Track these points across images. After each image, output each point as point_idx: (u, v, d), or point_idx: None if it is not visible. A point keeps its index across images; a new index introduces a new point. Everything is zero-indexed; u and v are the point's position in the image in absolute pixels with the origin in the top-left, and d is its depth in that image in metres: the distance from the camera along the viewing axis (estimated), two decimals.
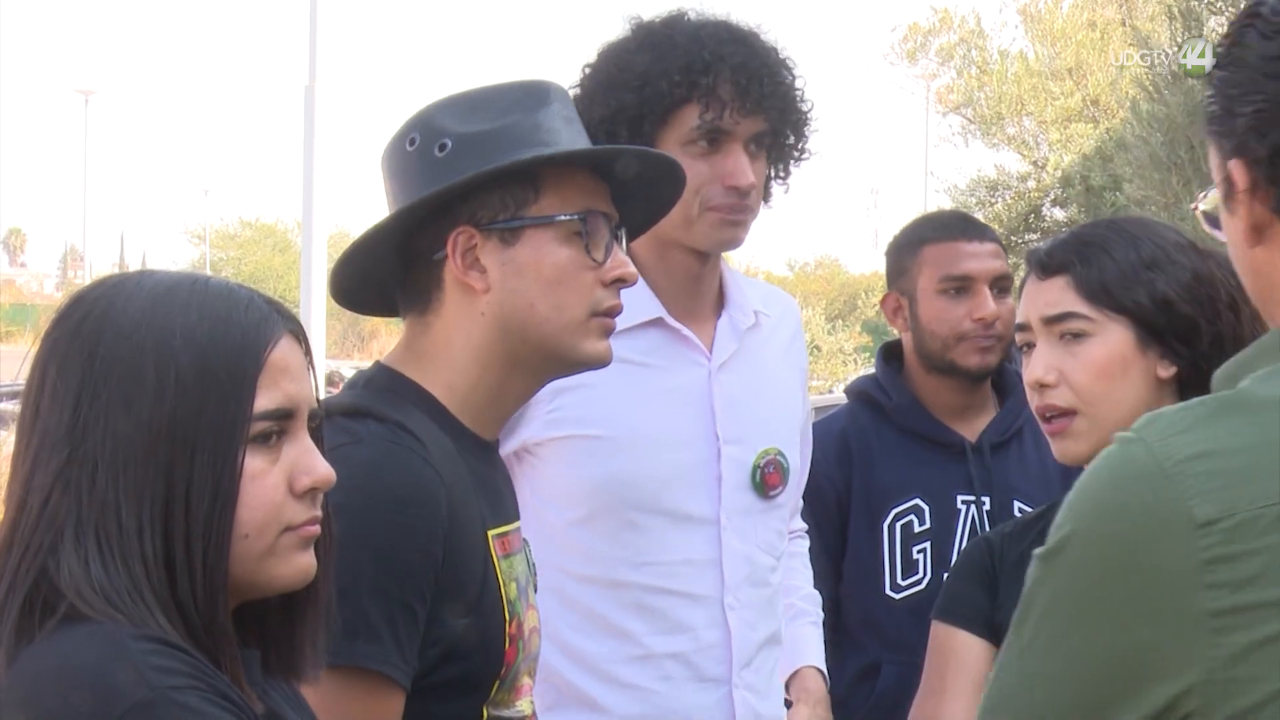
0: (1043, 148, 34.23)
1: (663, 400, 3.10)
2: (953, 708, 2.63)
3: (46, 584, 1.71)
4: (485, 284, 2.40)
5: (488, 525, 2.37)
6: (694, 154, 3.01)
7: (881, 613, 3.70)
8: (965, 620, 2.67)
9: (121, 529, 1.73)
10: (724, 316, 3.21)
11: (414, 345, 2.45)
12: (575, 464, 3.03)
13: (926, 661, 2.70)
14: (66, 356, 1.77)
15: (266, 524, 1.80)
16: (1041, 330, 2.62)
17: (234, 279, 1.93)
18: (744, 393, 3.18)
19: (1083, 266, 2.60)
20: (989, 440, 3.77)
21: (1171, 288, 2.57)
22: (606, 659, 3.05)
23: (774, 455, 3.19)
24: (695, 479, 3.10)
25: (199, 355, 1.76)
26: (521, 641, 2.39)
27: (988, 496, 3.72)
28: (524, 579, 2.44)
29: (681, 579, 3.08)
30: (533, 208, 2.40)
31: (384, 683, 2.23)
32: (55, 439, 1.75)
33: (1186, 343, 2.58)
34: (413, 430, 2.31)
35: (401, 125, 2.46)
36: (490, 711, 2.36)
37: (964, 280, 3.71)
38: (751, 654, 3.15)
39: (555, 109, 2.45)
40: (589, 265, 2.43)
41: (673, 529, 3.07)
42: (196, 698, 1.66)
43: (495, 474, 2.49)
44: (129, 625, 1.69)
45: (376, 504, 2.22)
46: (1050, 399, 2.59)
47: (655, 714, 3.06)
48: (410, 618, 2.24)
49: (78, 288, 1.88)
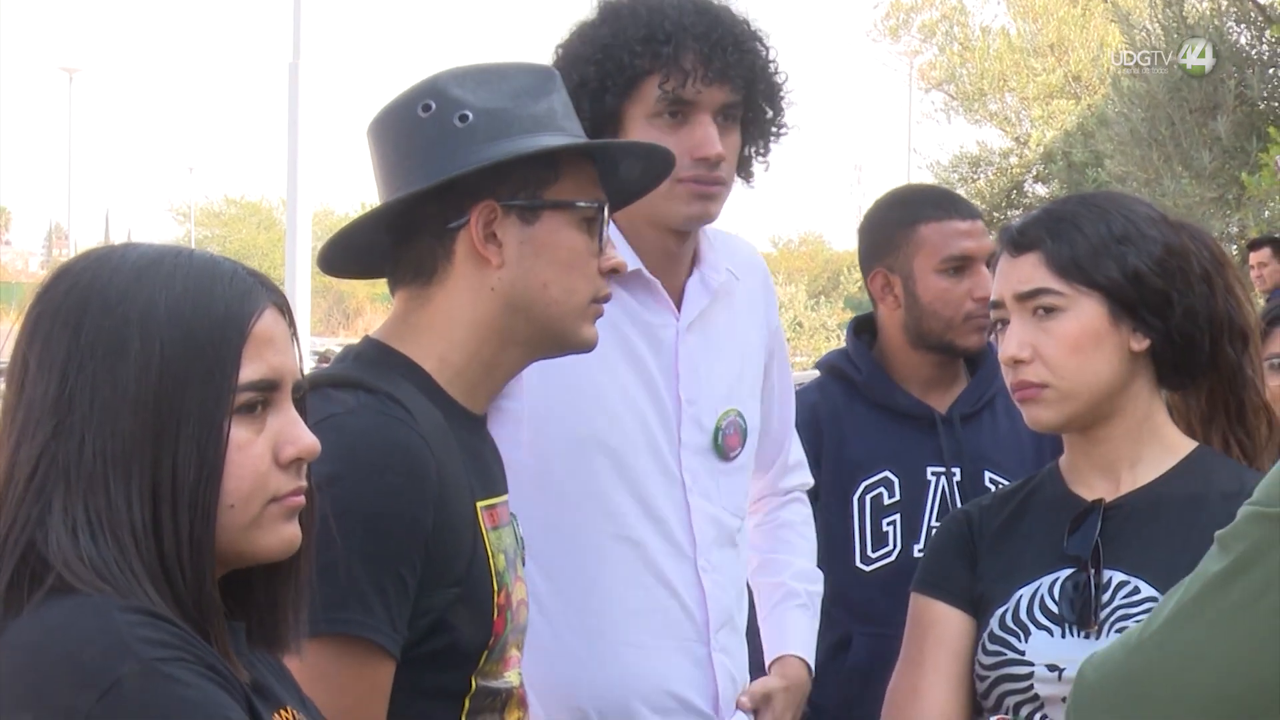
0: (1025, 124, 34.22)
1: (629, 363, 3.07)
2: (932, 679, 2.63)
3: (34, 556, 1.71)
4: (501, 259, 2.41)
5: (476, 497, 2.38)
6: (660, 127, 2.98)
7: (853, 585, 3.70)
8: (944, 592, 2.67)
9: (109, 500, 1.73)
10: (695, 274, 3.17)
11: (408, 318, 2.46)
12: (548, 421, 2.99)
13: (906, 633, 2.71)
14: (51, 329, 1.76)
15: (252, 494, 1.80)
16: (1015, 307, 2.63)
17: (232, 259, 1.93)
18: (708, 354, 3.16)
19: (1054, 242, 2.61)
20: (959, 411, 3.78)
21: (1142, 261, 2.58)
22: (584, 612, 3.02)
23: (734, 416, 3.17)
24: (659, 440, 3.08)
25: (183, 327, 1.76)
26: (510, 612, 2.40)
27: (958, 467, 3.73)
28: (512, 551, 2.45)
29: (651, 537, 3.06)
30: (551, 190, 2.43)
31: (374, 651, 2.24)
32: (41, 411, 1.74)
33: (1159, 315, 2.59)
34: (402, 401, 2.32)
35: (407, 91, 2.46)
36: (479, 681, 2.37)
37: (964, 260, 3.71)
38: (725, 617, 3.14)
39: (560, 95, 2.48)
40: (596, 252, 2.46)
41: (644, 489, 3.05)
42: (183, 669, 1.66)
43: (484, 447, 2.50)
44: (117, 597, 1.69)
45: (366, 473, 2.23)
46: (1024, 375, 2.60)
47: (634, 677, 3.03)
48: (400, 586, 2.25)
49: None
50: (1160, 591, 2.52)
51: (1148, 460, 2.64)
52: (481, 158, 2.37)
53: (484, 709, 2.39)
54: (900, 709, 2.66)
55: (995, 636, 2.60)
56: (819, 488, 3.72)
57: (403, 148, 2.43)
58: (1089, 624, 2.54)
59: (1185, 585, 1.69)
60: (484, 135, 2.39)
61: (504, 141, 2.39)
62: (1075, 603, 2.55)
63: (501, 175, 2.39)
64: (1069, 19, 34.16)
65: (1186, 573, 2.52)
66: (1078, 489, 2.67)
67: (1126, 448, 2.64)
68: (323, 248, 2.49)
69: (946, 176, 34.05)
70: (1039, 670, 2.56)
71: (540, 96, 2.44)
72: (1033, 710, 2.58)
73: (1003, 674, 2.59)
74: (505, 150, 2.38)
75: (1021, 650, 2.58)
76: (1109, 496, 2.63)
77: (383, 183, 2.46)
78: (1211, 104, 21.21)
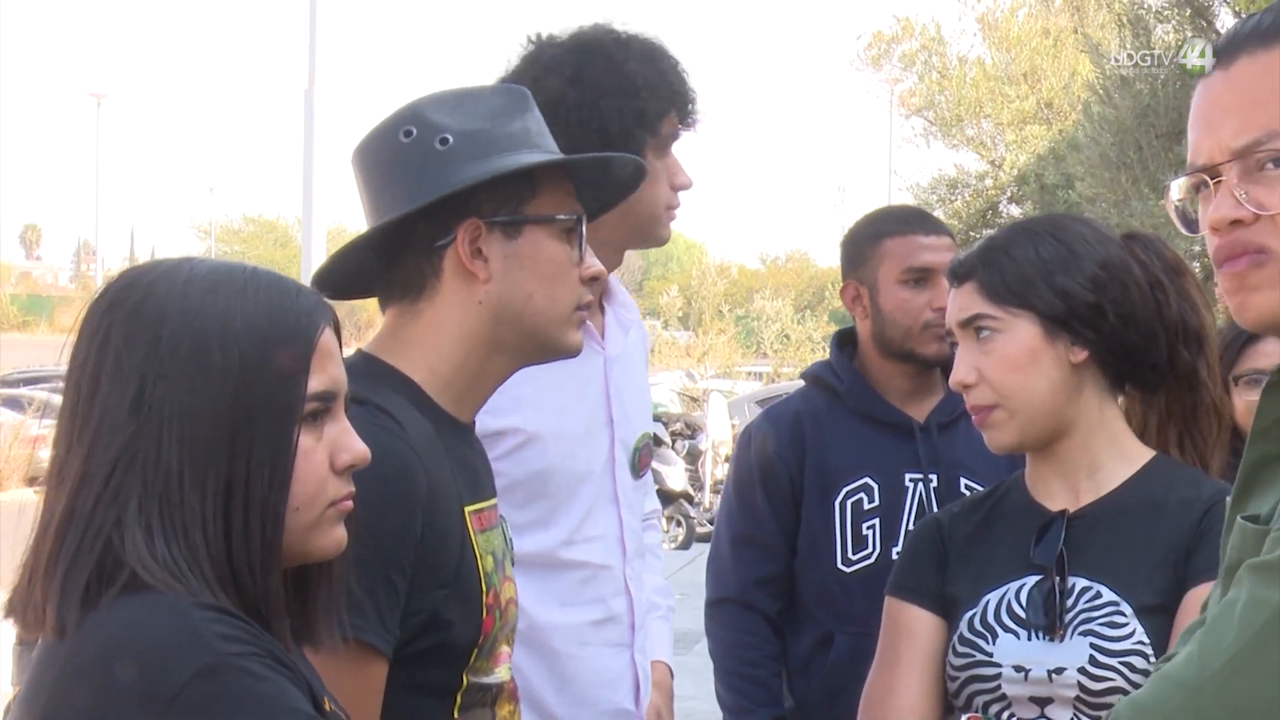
0: (999, 148, 34.32)
1: (573, 391, 3.13)
2: (906, 679, 2.64)
3: (110, 555, 1.71)
4: (487, 273, 2.41)
5: (464, 501, 2.37)
6: (660, 158, 3.11)
7: (834, 585, 3.71)
8: (917, 595, 2.67)
9: (184, 502, 1.73)
10: (609, 310, 3.26)
11: (399, 333, 2.45)
12: (512, 454, 3.03)
13: (881, 635, 2.71)
14: (127, 338, 1.75)
15: (314, 498, 1.82)
16: (960, 334, 2.67)
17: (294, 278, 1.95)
18: (627, 381, 3.25)
19: (985, 270, 2.64)
20: (936, 420, 3.78)
21: (1071, 278, 2.60)
22: (536, 628, 3.08)
23: (648, 440, 3.30)
24: (600, 464, 3.16)
25: (260, 340, 1.77)
26: (499, 611, 2.39)
27: (935, 474, 3.73)
28: (500, 553, 2.44)
29: (599, 554, 3.15)
30: (530, 205, 2.43)
31: (367, 651, 2.23)
32: (118, 417, 1.73)
33: (1092, 327, 2.60)
34: (391, 413, 2.31)
35: (388, 118, 2.45)
36: (470, 678, 2.36)
37: (924, 272, 3.72)
38: (641, 618, 3.23)
39: (534, 115, 2.48)
40: (576, 261, 2.46)
41: (593, 506, 3.14)
42: (257, 663, 1.67)
43: (472, 453, 2.50)
44: (188, 595, 1.69)
45: (358, 483, 2.21)
46: (974, 399, 2.64)
47: (574, 676, 3.11)
48: (391, 589, 2.25)
49: (109, 275, 1.87)
50: (1121, 596, 2.53)
51: (1107, 469, 2.65)
52: (464, 178, 2.37)
53: (475, 704, 2.38)
54: (876, 707, 2.66)
55: (964, 639, 2.60)
56: (801, 492, 3.75)
57: (388, 172, 2.43)
58: (1054, 629, 2.53)
59: (1238, 618, 1.54)
60: (464, 156, 2.39)
61: (484, 161, 2.39)
62: (1041, 608, 2.55)
63: (484, 194, 2.39)
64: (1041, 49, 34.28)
65: (1146, 576, 2.53)
66: (1041, 499, 2.67)
67: (1084, 457, 2.65)
68: (317, 272, 2.49)
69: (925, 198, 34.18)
70: (1006, 671, 2.56)
71: (515, 116, 2.44)
72: (1001, 709, 2.58)
73: (972, 674, 2.59)
74: (486, 170, 2.38)
75: (990, 652, 2.58)
76: (1071, 505, 2.64)
77: (370, 207, 2.46)
78: (1177, 129, 21.26)
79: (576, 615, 3.11)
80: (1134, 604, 2.52)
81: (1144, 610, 2.51)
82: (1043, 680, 2.54)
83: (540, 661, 3.08)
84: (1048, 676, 2.54)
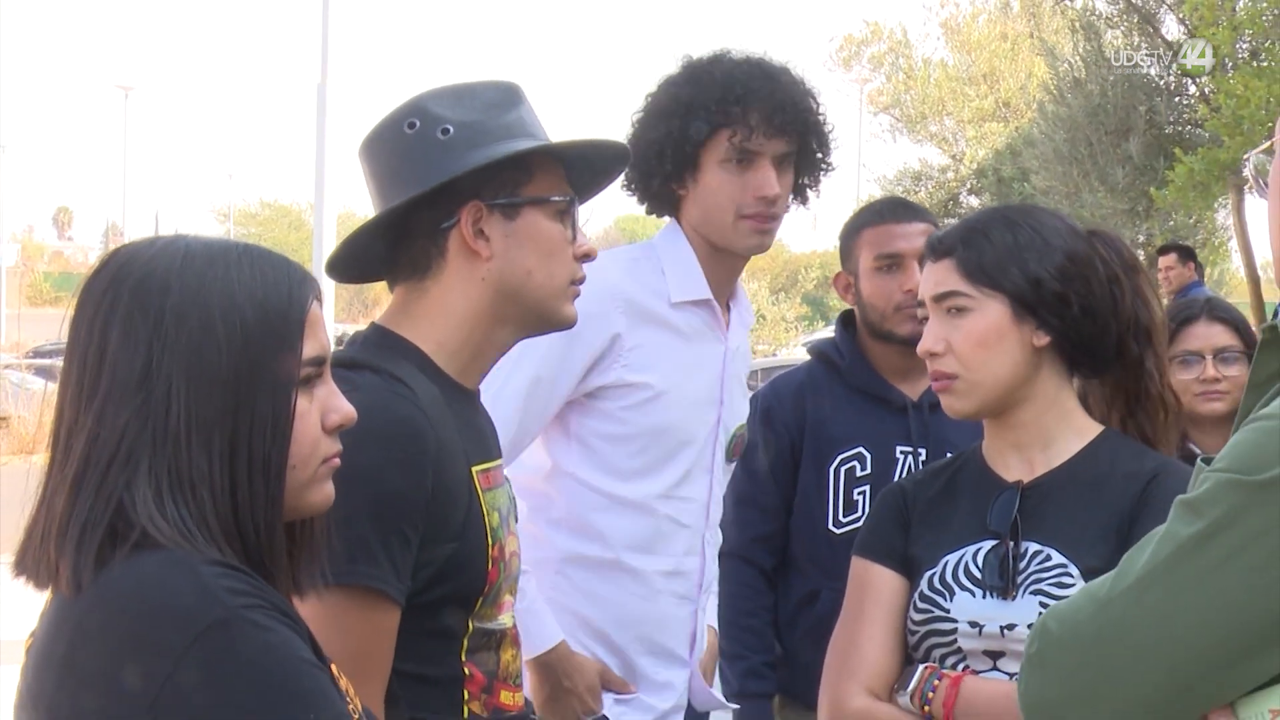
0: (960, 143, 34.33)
1: (697, 368, 3.28)
2: (870, 632, 2.63)
3: (121, 516, 1.70)
4: (489, 251, 2.43)
5: (472, 462, 2.38)
6: (730, 170, 3.24)
7: (824, 545, 3.73)
8: (882, 556, 2.67)
9: (192, 464, 1.72)
10: (734, 311, 3.40)
11: (408, 308, 2.46)
12: (640, 406, 3.21)
13: (847, 592, 2.71)
14: (131, 313, 1.74)
15: (310, 457, 1.81)
16: (932, 306, 2.67)
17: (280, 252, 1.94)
18: (736, 374, 3.38)
19: (964, 250, 2.64)
20: (929, 400, 3.76)
21: (1043, 268, 2.60)
22: (615, 565, 3.24)
23: (744, 431, 3.42)
24: (706, 434, 3.30)
25: (260, 310, 1.76)
26: (503, 563, 2.40)
27: (924, 449, 3.74)
28: (505, 509, 2.45)
29: (688, 513, 3.28)
30: (527, 189, 2.44)
31: (381, 598, 2.25)
32: (127, 385, 1.72)
33: (1057, 315, 2.61)
34: (404, 379, 2.33)
35: (393, 112, 2.46)
36: (475, 624, 2.38)
37: (895, 257, 3.73)
38: (710, 581, 3.32)
39: (526, 106, 2.49)
40: (570, 240, 2.48)
41: (692, 470, 3.28)
42: (262, 615, 1.67)
43: (478, 417, 2.51)
44: (195, 551, 1.69)
45: (373, 443, 2.21)
46: (938, 366, 2.64)
47: (638, 615, 3.25)
48: (403, 542, 2.26)
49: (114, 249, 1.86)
50: (1069, 559, 2.54)
51: (1059, 442, 2.65)
52: (465, 164, 2.39)
53: (480, 647, 2.40)
54: (841, 657, 2.66)
55: (924, 596, 2.61)
56: (800, 457, 3.81)
57: (394, 161, 2.44)
58: (1008, 589, 2.55)
59: (1153, 546, 1.63)
60: (464, 145, 2.40)
61: (482, 149, 2.40)
62: (996, 570, 2.56)
63: (484, 178, 2.41)
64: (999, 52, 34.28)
65: (1093, 541, 2.55)
66: (997, 469, 2.68)
67: (1037, 431, 2.65)
68: (330, 257, 2.50)
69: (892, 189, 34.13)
70: (962, 626, 2.57)
71: (508, 108, 2.46)
72: (956, 661, 2.59)
73: (931, 629, 2.59)
74: (485, 155, 2.40)
75: (947, 609, 2.58)
76: (1025, 476, 2.64)
77: (378, 194, 2.47)
78: (1125, 127, 21.25)
79: (652, 563, 3.24)
80: (1081, 566, 2.52)
81: (1090, 572, 2.51)
82: (995, 635, 2.55)
83: (611, 594, 3.23)
84: (1000, 632, 2.54)
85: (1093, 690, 1.63)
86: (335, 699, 1.71)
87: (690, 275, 3.30)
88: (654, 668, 3.26)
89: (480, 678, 2.39)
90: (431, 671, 2.34)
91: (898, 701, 2.58)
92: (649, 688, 3.26)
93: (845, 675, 2.63)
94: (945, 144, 34.73)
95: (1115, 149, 21.24)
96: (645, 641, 3.26)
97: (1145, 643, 1.59)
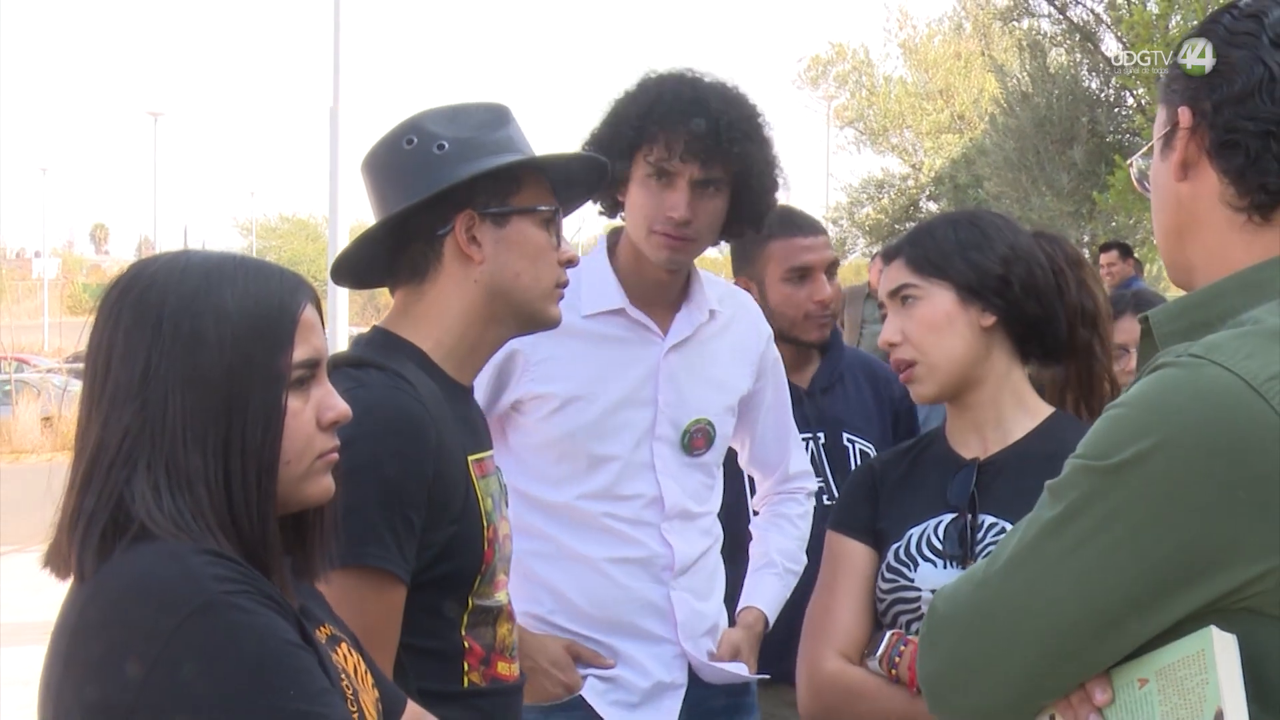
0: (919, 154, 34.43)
1: (616, 370, 3.13)
2: (841, 600, 2.63)
3: (122, 510, 1.71)
4: (481, 256, 2.43)
5: (467, 452, 2.39)
6: (649, 186, 3.06)
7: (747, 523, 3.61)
8: (853, 530, 2.66)
9: (188, 461, 1.72)
10: (683, 309, 3.22)
11: (407, 310, 2.47)
12: (549, 417, 3.08)
13: (822, 563, 2.70)
14: (133, 323, 1.75)
15: (303, 452, 1.80)
16: (889, 303, 2.67)
17: (277, 263, 1.94)
18: (687, 371, 3.20)
19: (912, 248, 2.65)
20: (819, 385, 3.77)
21: (984, 255, 2.61)
22: (572, 557, 3.12)
23: (704, 424, 3.21)
24: (638, 434, 3.14)
25: (249, 319, 1.76)
26: (497, 545, 2.41)
27: (822, 431, 3.71)
28: (497, 495, 2.46)
29: (631, 509, 3.13)
30: (516, 199, 2.44)
31: (388, 578, 2.25)
32: (128, 391, 1.73)
33: (1000, 295, 2.61)
34: (405, 376, 2.33)
35: (392, 130, 2.47)
36: (474, 601, 2.38)
37: (805, 270, 3.69)
38: (688, 564, 3.18)
39: (515, 125, 2.50)
40: (555, 246, 2.48)
41: (625, 470, 3.13)
42: (247, 599, 1.66)
43: (472, 411, 2.52)
44: (190, 542, 1.68)
45: (379, 436, 2.22)
46: (898, 355, 2.64)
47: (614, 597, 3.13)
48: (408, 526, 2.26)
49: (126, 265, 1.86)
50: None
51: (1011, 421, 2.64)
52: (459, 175, 2.39)
53: (479, 623, 2.40)
54: (817, 624, 2.65)
55: (891, 567, 2.60)
56: None
57: (394, 175, 2.44)
58: (966, 559, 2.53)
59: (1022, 529, 1.64)
60: (458, 159, 2.40)
61: (475, 163, 2.41)
62: (956, 541, 2.55)
63: (476, 189, 2.41)
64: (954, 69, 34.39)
65: None
66: (957, 448, 2.67)
67: (992, 411, 2.64)
68: (336, 260, 2.50)
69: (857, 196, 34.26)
70: (925, 595, 2.56)
71: (499, 127, 2.46)
72: None
73: (897, 597, 2.58)
74: (477, 168, 2.40)
75: (911, 579, 2.57)
76: (981, 453, 2.64)
77: (379, 204, 2.47)
78: (1069, 137, 21.33)
79: (600, 552, 3.11)
80: None
81: None
82: None
83: (570, 582, 3.11)
84: None
85: (976, 665, 1.63)
86: (318, 677, 1.70)
87: (604, 287, 3.14)
88: (631, 647, 3.15)
89: (479, 650, 2.40)
90: (434, 645, 2.35)
91: (868, 665, 2.57)
92: (628, 666, 3.16)
93: (820, 641, 2.62)
94: (905, 154, 34.86)
95: (1061, 157, 21.31)
96: (617, 623, 3.14)
97: (1016, 619, 1.60)
